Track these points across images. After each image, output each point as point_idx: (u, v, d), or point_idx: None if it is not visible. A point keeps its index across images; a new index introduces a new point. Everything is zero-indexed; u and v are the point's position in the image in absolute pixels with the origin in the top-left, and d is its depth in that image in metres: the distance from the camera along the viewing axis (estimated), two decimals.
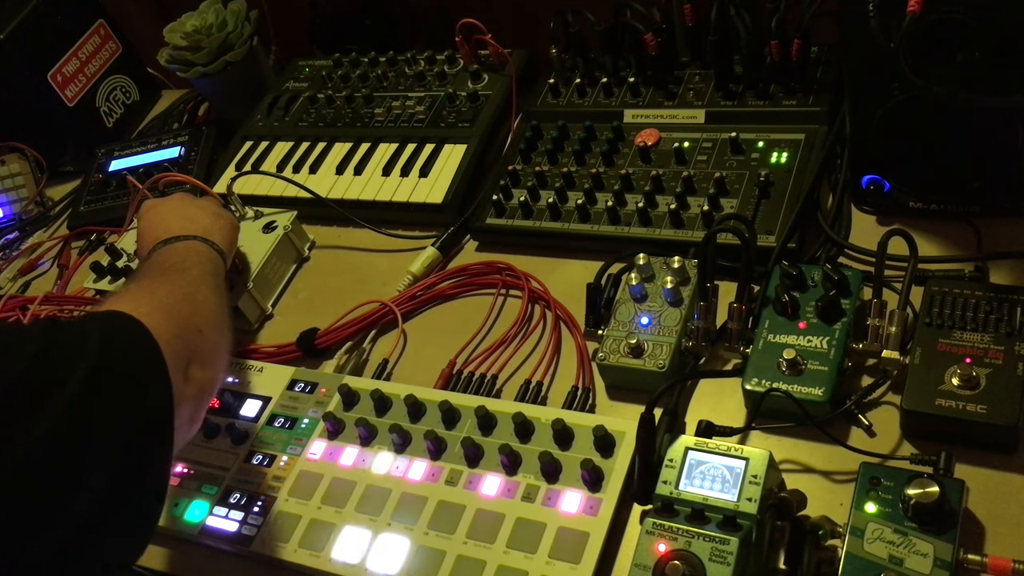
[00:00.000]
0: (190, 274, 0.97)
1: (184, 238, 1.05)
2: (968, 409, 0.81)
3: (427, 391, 1.04)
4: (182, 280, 0.95)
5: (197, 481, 1.04)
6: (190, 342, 0.84)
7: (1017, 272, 0.95)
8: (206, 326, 0.89)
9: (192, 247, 1.04)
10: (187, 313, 0.87)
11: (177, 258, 1.01)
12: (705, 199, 1.09)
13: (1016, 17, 0.84)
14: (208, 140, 1.54)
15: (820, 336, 0.90)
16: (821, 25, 1.09)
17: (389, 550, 0.91)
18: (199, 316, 0.89)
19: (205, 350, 0.86)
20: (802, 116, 1.14)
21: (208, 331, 0.89)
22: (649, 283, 1.02)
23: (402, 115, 1.41)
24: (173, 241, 1.04)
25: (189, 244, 1.04)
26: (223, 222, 1.13)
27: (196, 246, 1.04)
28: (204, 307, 0.92)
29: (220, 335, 0.92)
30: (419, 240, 1.26)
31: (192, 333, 0.85)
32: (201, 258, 1.02)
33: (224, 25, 1.51)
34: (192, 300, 0.91)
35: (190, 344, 0.83)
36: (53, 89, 1.60)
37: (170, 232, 1.05)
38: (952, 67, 0.87)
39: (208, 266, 1.02)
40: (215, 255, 1.05)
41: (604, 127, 1.24)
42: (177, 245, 1.03)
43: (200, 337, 0.86)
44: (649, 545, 0.77)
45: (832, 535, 0.79)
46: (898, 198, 1.04)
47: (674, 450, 0.84)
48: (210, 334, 0.89)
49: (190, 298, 0.91)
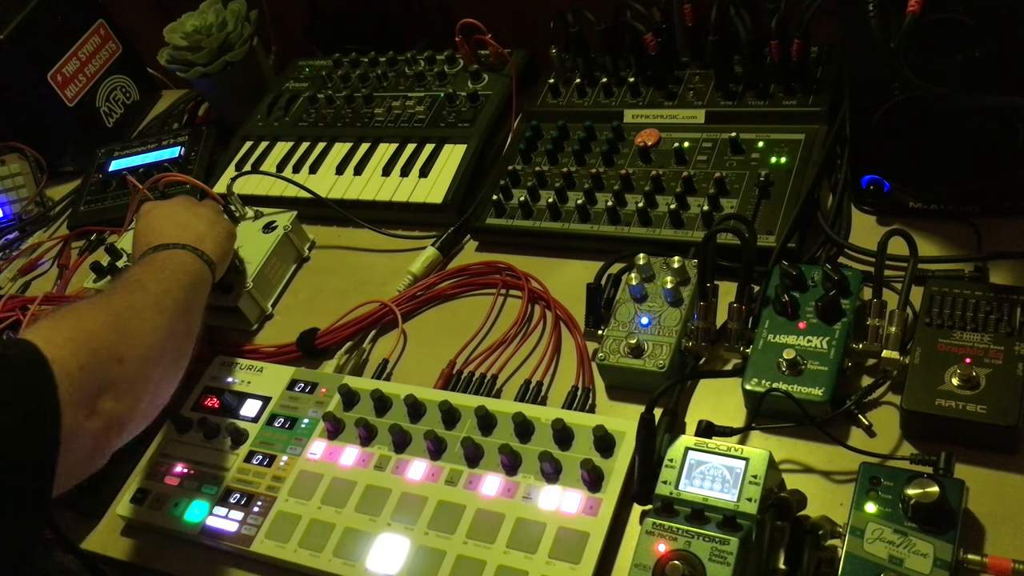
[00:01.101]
0: (146, 293, 0.94)
1: (172, 246, 1.04)
2: (968, 409, 0.81)
3: (427, 391, 1.04)
4: (131, 300, 0.92)
5: (197, 481, 1.04)
6: (103, 373, 0.82)
7: (1017, 272, 0.95)
8: (131, 354, 0.86)
9: (175, 257, 1.03)
10: (110, 341, 0.85)
11: (149, 271, 0.99)
12: (705, 199, 1.09)
13: (1016, 17, 0.84)
14: (208, 140, 1.54)
15: (820, 336, 0.90)
16: (821, 25, 1.09)
17: (389, 550, 0.91)
18: (126, 344, 0.86)
19: (123, 380, 0.84)
20: (802, 116, 1.14)
21: (132, 360, 0.86)
22: (649, 283, 1.02)
23: (402, 115, 1.41)
24: (161, 249, 1.03)
25: (173, 254, 1.03)
26: (218, 230, 1.12)
27: (180, 256, 1.03)
28: (138, 334, 0.89)
29: (148, 363, 0.88)
30: (419, 240, 1.26)
31: (109, 363, 0.83)
32: (177, 272, 1.01)
33: (224, 25, 1.51)
34: (124, 326, 0.88)
35: (103, 375, 0.81)
36: (53, 89, 1.60)
37: (162, 238, 1.05)
38: (952, 67, 0.87)
39: (183, 279, 1.00)
40: (201, 266, 1.05)
41: (604, 127, 1.24)
42: (160, 255, 1.02)
43: (119, 367, 0.84)
44: (649, 545, 0.77)
45: (832, 535, 0.79)
46: (898, 198, 1.04)
47: (674, 450, 0.84)
48: (134, 363, 0.86)
49: (123, 324, 0.88)
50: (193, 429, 1.10)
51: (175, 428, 1.10)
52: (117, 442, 0.85)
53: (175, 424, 1.10)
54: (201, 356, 1.19)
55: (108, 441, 0.83)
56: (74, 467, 0.78)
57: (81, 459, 0.79)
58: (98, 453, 0.82)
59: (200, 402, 1.12)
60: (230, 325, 1.24)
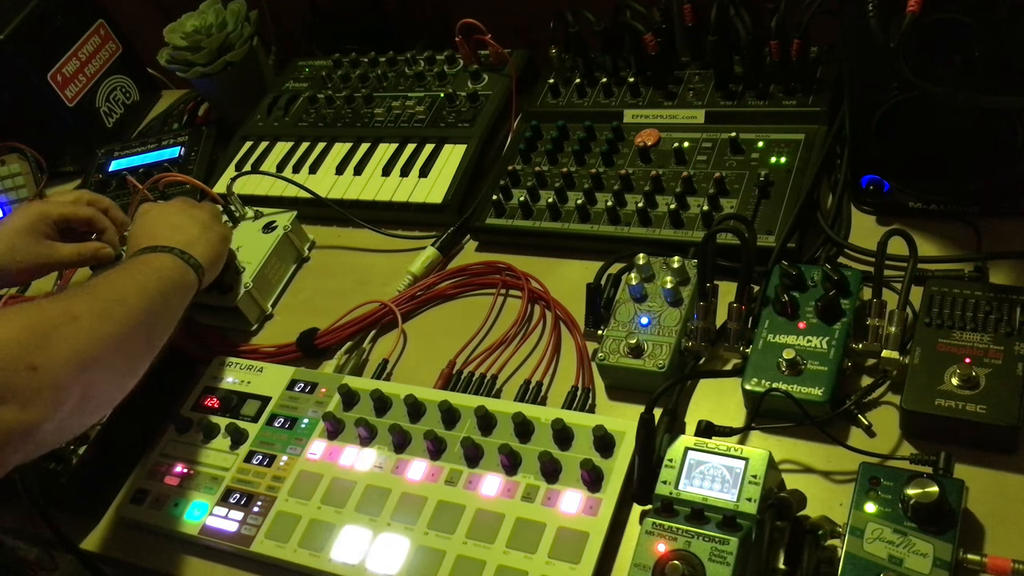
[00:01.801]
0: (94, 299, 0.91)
1: (159, 249, 1.03)
2: (968, 409, 0.81)
3: (427, 391, 1.04)
4: (68, 305, 0.88)
5: (197, 481, 1.04)
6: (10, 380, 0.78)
7: (1017, 272, 0.95)
8: (50, 363, 0.81)
9: (153, 262, 1.01)
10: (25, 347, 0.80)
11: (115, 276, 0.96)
12: (705, 199, 1.09)
13: (1016, 17, 0.84)
14: (208, 140, 1.54)
15: (820, 336, 0.90)
16: (821, 25, 1.09)
17: (389, 550, 0.91)
18: (44, 351, 0.81)
19: (31, 389, 0.79)
20: (802, 116, 1.14)
21: (50, 368, 0.81)
22: (649, 283, 1.02)
23: (402, 115, 1.41)
24: (148, 251, 1.02)
25: (155, 258, 1.02)
26: (211, 234, 1.12)
27: (160, 260, 1.02)
28: (67, 341, 0.84)
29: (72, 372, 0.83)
30: (419, 240, 1.26)
31: (20, 370, 0.79)
32: (148, 278, 0.98)
33: (224, 25, 1.51)
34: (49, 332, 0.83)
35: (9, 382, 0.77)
36: (53, 89, 1.60)
37: (154, 240, 1.05)
38: (952, 67, 0.87)
39: (152, 286, 0.97)
40: (184, 271, 1.03)
41: (604, 127, 1.24)
42: (143, 257, 1.02)
43: (30, 375, 0.79)
44: (649, 545, 0.77)
45: (832, 535, 0.79)
46: (898, 198, 1.04)
47: (674, 450, 0.84)
48: (52, 371, 0.81)
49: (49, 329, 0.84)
50: (193, 429, 1.10)
51: (175, 428, 1.10)
52: (19, 454, 0.79)
53: (175, 424, 1.10)
54: (200, 356, 1.19)
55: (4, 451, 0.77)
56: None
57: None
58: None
59: (200, 402, 1.12)
60: (230, 325, 1.24)
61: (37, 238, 1.10)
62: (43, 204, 1.15)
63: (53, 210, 1.14)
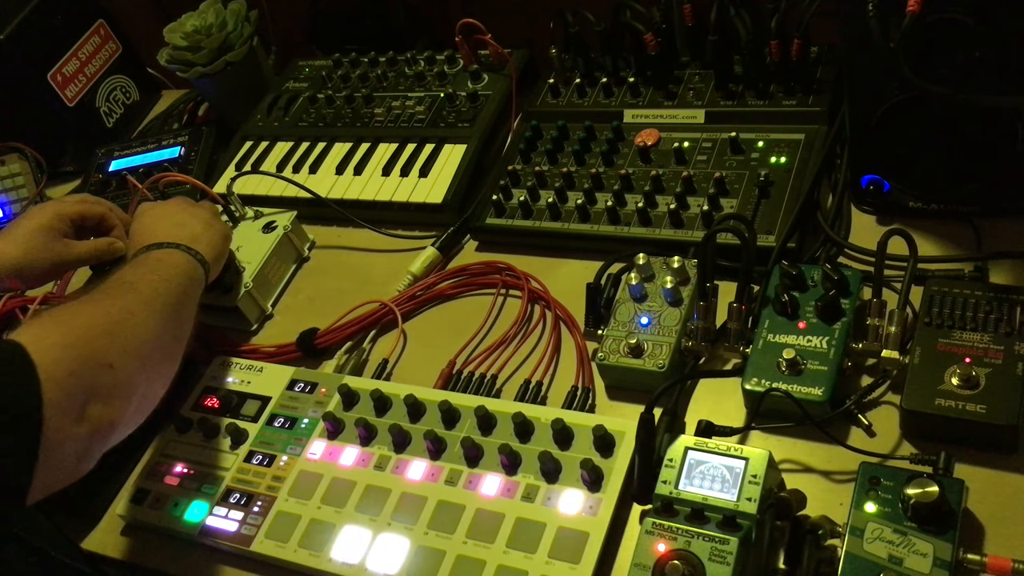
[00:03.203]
0: (137, 295, 0.93)
1: (167, 245, 1.03)
2: (968, 409, 0.81)
3: (427, 391, 1.04)
4: (123, 303, 0.91)
5: (197, 481, 1.04)
6: (92, 379, 0.81)
7: (1017, 272, 0.95)
8: (122, 360, 0.85)
9: (168, 257, 1.02)
10: (100, 347, 0.84)
11: (141, 272, 0.98)
12: (705, 199, 1.09)
13: (1016, 17, 0.84)
14: (208, 140, 1.54)
15: (820, 336, 0.90)
16: (821, 25, 1.09)
17: (389, 550, 0.91)
18: (117, 348, 0.85)
19: (111, 386, 0.83)
20: (802, 116, 1.14)
21: (123, 365, 0.85)
22: (649, 283, 1.02)
23: (402, 115, 1.41)
24: (155, 248, 1.03)
25: (168, 253, 1.03)
26: (213, 232, 1.12)
27: (173, 256, 1.03)
28: (129, 337, 0.87)
29: (138, 368, 0.87)
30: (419, 240, 1.26)
31: (98, 369, 0.82)
32: (169, 272, 1.00)
33: (224, 25, 1.51)
34: (116, 331, 0.87)
35: (92, 381, 0.81)
36: (53, 89, 1.60)
37: (156, 238, 1.05)
38: (952, 67, 0.87)
39: (174, 281, 0.99)
40: (195, 266, 1.04)
41: (604, 127, 1.24)
42: (154, 253, 1.02)
43: (108, 373, 0.83)
44: (649, 545, 0.77)
45: (832, 535, 0.79)
46: (898, 198, 1.04)
47: (674, 450, 0.84)
48: (125, 368, 0.85)
49: (115, 328, 0.87)
50: (193, 429, 1.10)
51: (175, 428, 1.10)
52: (103, 447, 0.84)
53: (175, 424, 1.10)
54: (200, 356, 1.19)
55: (95, 446, 0.82)
56: (59, 471, 0.78)
57: (67, 464, 0.79)
58: (85, 458, 0.82)
59: (200, 402, 1.12)
60: (230, 325, 1.24)
61: (55, 237, 1.11)
62: (58, 203, 1.15)
63: (69, 208, 1.14)
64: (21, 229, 1.09)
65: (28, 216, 1.12)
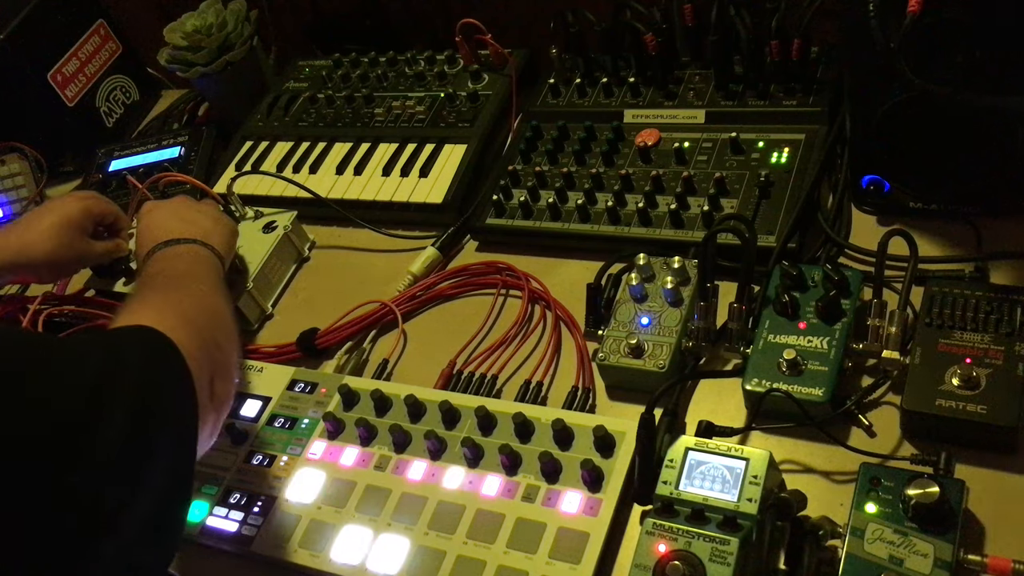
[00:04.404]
0: (205, 282, 0.96)
1: (186, 241, 1.04)
2: (968, 409, 0.81)
3: (427, 391, 1.04)
4: (199, 290, 0.94)
5: (197, 481, 1.04)
6: (211, 356, 0.82)
7: (1017, 272, 0.95)
8: (224, 339, 0.88)
9: (196, 251, 1.03)
10: (208, 326, 0.86)
11: (185, 264, 1.00)
12: (705, 199, 1.09)
13: (1016, 17, 0.84)
14: (208, 140, 1.54)
15: (820, 336, 0.90)
16: (821, 25, 1.09)
17: (389, 550, 0.91)
18: (218, 329, 0.88)
19: (223, 364, 0.85)
20: (802, 116, 1.14)
21: (225, 344, 0.87)
22: (649, 283, 1.02)
23: (402, 115, 1.41)
24: (174, 244, 1.03)
25: (193, 248, 1.03)
26: (222, 227, 1.12)
27: (200, 250, 1.04)
28: (220, 319, 0.91)
29: (233, 348, 0.91)
30: (419, 240, 1.26)
31: (212, 347, 0.84)
32: (208, 264, 1.02)
33: (224, 25, 1.51)
34: (211, 312, 0.90)
35: (212, 358, 0.82)
36: (53, 89, 1.60)
37: (170, 234, 1.05)
38: (952, 67, 0.87)
39: (212, 270, 1.02)
40: (217, 260, 1.05)
41: (604, 127, 1.24)
42: (180, 248, 1.03)
43: (219, 351, 0.85)
44: (649, 545, 0.77)
45: (832, 535, 0.79)
46: (898, 198, 1.04)
47: (674, 450, 0.84)
48: (227, 347, 0.88)
49: (209, 310, 0.90)
50: None
51: None
52: (221, 424, 0.86)
53: None
54: None
55: (220, 421, 0.85)
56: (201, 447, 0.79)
57: (203, 443, 0.80)
58: (215, 433, 0.84)
59: None
60: None
61: (82, 234, 1.11)
62: (83, 200, 1.15)
63: (95, 206, 1.14)
64: (47, 223, 1.09)
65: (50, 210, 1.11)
